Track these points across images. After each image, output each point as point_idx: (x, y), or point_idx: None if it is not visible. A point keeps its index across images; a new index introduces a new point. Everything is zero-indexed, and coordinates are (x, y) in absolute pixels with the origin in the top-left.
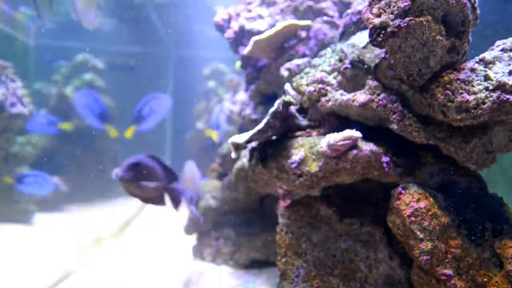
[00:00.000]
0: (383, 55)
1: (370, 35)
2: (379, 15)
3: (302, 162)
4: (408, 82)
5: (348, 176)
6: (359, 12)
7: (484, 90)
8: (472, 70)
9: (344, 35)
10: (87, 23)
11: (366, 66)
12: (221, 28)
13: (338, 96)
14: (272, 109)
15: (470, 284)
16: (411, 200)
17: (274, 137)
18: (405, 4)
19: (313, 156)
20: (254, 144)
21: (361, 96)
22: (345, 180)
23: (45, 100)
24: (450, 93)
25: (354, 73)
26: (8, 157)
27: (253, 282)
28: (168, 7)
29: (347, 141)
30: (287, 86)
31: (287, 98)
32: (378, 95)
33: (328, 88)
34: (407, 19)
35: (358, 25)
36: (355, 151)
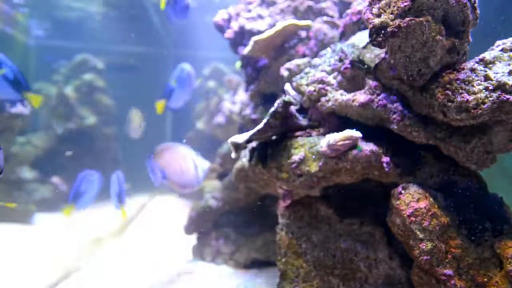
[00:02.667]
0: (383, 55)
1: (370, 35)
2: (379, 15)
3: (302, 162)
4: (408, 82)
5: (348, 176)
6: (359, 12)
7: (484, 90)
8: (472, 70)
9: (344, 35)
10: (135, 134)
11: (366, 66)
12: (221, 28)
13: (338, 96)
14: (272, 109)
15: (470, 284)
16: (411, 200)
17: (274, 137)
18: (405, 4)
19: (313, 156)
20: (254, 144)
21: (361, 96)
22: (345, 180)
23: (45, 100)
24: (450, 93)
25: (354, 73)
26: (8, 157)
27: (253, 282)
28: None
29: (347, 141)
30: (287, 86)
31: (287, 98)
32: (378, 95)
33: (328, 88)
34: (407, 19)
35: (358, 25)
36: (355, 151)
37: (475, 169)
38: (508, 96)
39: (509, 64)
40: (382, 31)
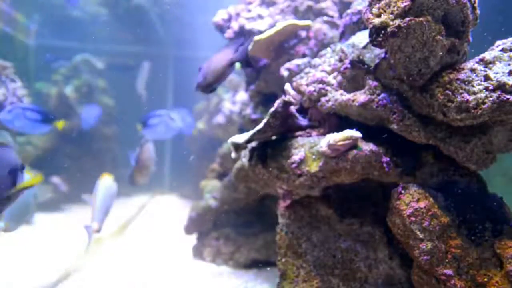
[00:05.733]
0: (383, 55)
1: (370, 35)
2: (379, 15)
3: (302, 162)
4: (408, 82)
5: (348, 176)
6: (359, 12)
7: (484, 90)
8: (472, 70)
9: (344, 35)
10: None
11: (366, 66)
12: (221, 28)
13: (338, 96)
14: (272, 109)
15: (470, 284)
16: (411, 200)
17: (274, 137)
18: (405, 4)
19: (313, 156)
20: (254, 144)
21: (361, 96)
22: (345, 180)
23: (45, 100)
24: (450, 93)
25: (354, 73)
26: None
27: (253, 282)
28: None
29: (347, 141)
30: (287, 86)
31: (287, 98)
32: (378, 95)
33: (328, 88)
34: (407, 19)
35: (358, 25)
36: (355, 151)
37: (475, 169)
38: (508, 96)
39: (509, 64)
40: (382, 31)
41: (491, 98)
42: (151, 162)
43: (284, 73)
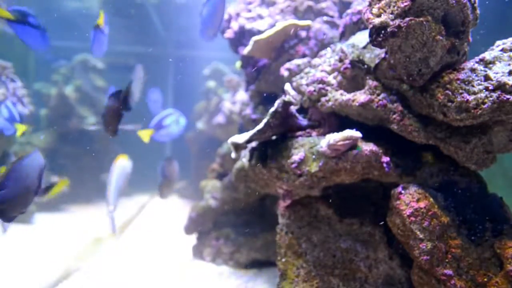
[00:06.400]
0: (383, 55)
1: (370, 35)
2: (379, 15)
3: (302, 162)
4: (408, 82)
5: (348, 176)
6: (359, 12)
7: (484, 90)
8: (472, 70)
9: (344, 35)
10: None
11: (366, 66)
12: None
13: (338, 96)
14: (272, 109)
15: (470, 284)
16: (411, 200)
17: (274, 137)
18: (405, 4)
19: (313, 156)
20: (254, 144)
21: (361, 96)
22: (345, 180)
23: (45, 100)
24: (450, 93)
25: (354, 73)
26: (9, 157)
27: (253, 282)
28: (168, 7)
29: (347, 141)
30: (287, 86)
31: (287, 98)
32: (378, 95)
33: (328, 88)
34: (407, 19)
35: (358, 25)
36: (355, 151)
37: (475, 169)
38: (508, 96)
39: (509, 64)
40: (382, 31)
41: (491, 98)
42: (177, 177)
43: (284, 73)
